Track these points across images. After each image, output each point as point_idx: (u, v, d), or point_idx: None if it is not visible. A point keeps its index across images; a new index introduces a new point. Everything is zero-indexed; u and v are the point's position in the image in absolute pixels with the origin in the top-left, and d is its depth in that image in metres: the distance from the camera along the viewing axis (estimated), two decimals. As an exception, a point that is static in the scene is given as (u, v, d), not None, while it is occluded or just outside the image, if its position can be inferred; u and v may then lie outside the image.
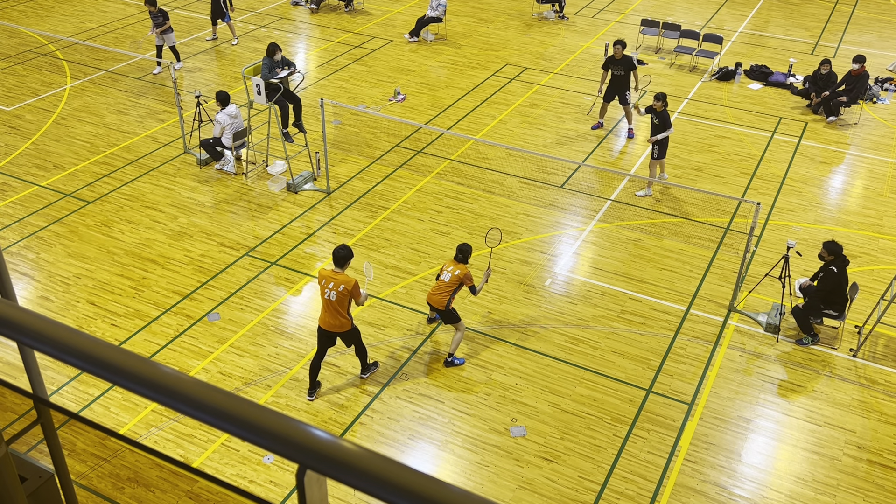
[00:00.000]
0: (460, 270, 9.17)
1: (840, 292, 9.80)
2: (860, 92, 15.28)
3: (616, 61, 14.19)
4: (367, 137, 14.71)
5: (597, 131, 14.97)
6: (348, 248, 8.55)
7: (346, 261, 8.51)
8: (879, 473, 8.37)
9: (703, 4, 22.16)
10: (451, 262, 9.34)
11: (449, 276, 9.17)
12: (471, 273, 9.29)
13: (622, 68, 14.18)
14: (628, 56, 14.21)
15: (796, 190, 13.38)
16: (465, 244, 9.33)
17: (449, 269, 9.25)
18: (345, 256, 8.49)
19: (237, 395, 1.40)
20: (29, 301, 10.54)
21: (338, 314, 8.58)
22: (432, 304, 9.29)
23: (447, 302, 9.17)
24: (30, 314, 1.55)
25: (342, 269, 8.53)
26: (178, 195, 12.84)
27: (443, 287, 9.18)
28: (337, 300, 8.46)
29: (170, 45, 16.65)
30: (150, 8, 16.20)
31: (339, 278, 8.45)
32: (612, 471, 8.33)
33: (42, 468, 2.44)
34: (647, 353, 9.86)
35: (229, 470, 8.24)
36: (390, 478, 1.27)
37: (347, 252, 8.52)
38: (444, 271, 9.28)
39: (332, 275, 8.50)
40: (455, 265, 9.25)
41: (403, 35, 19.17)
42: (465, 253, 9.26)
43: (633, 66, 14.17)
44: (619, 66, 14.18)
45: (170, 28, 16.47)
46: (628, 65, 14.14)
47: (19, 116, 15.21)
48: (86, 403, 8.97)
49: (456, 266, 9.23)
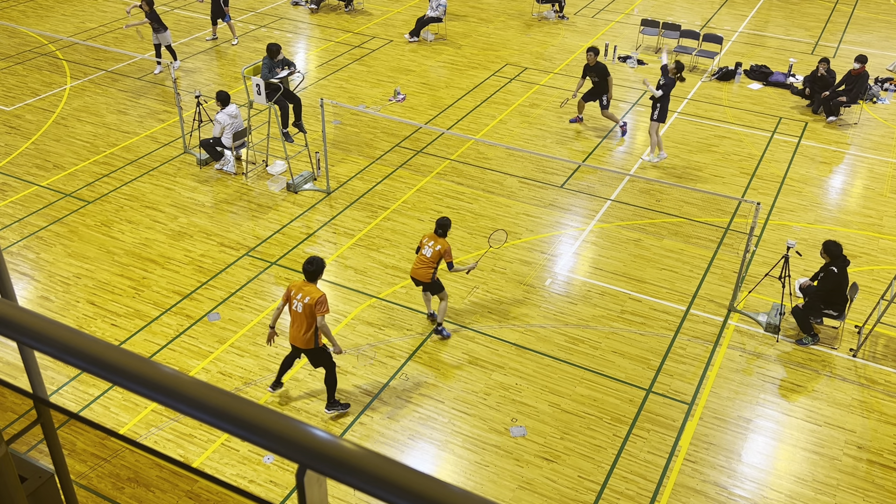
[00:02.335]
0: (441, 245, 9.40)
1: (840, 293, 9.80)
2: (860, 92, 15.28)
3: (590, 68, 14.34)
4: (367, 137, 14.71)
5: (574, 125, 15.11)
6: (319, 262, 8.26)
7: (315, 275, 8.23)
8: (879, 473, 8.37)
9: (703, 4, 22.16)
10: (431, 235, 9.56)
11: (430, 251, 9.44)
12: (450, 248, 9.47)
13: (596, 75, 14.33)
14: (602, 64, 14.34)
15: (796, 190, 13.38)
16: (445, 218, 9.56)
17: (430, 244, 9.49)
18: (314, 272, 8.21)
19: (237, 395, 1.40)
20: (29, 301, 10.54)
21: (305, 327, 8.23)
22: (417, 278, 9.63)
23: (432, 275, 9.52)
24: (30, 314, 1.55)
25: (313, 282, 8.28)
26: (178, 195, 12.84)
27: (426, 262, 9.50)
28: (303, 312, 8.16)
29: (166, 45, 16.60)
30: (145, 8, 16.10)
31: (307, 289, 8.17)
32: (612, 471, 8.33)
33: (42, 468, 2.44)
34: (647, 353, 9.86)
35: (229, 470, 8.24)
36: (390, 478, 1.27)
37: (317, 267, 8.24)
38: (425, 246, 9.52)
39: (302, 286, 8.23)
40: (435, 239, 9.48)
41: (404, 35, 19.17)
42: (444, 227, 9.49)
43: (607, 74, 14.29)
44: (594, 72, 14.33)
45: (164, 27, 16.39)
46: (602, 72, 14.26)
47: (19, 116, 15.21)
48: (86, 403, 8.97)
49: (436, 241, 9.46)
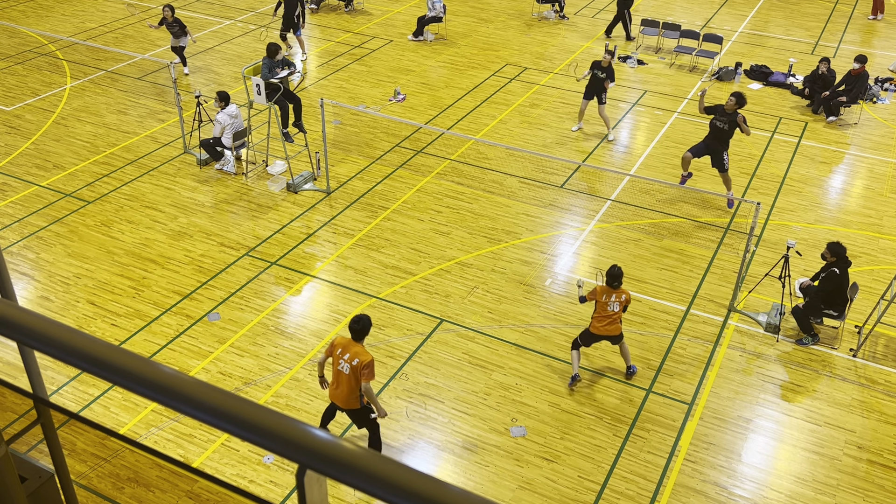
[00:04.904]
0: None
1: (841, 293, 9.80)
2: (860, 92, 15.28)
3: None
4: (367, 137, 14.71)
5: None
6: (366, 321, 7.62)
7: (362, 335, 7.65)
8: (879, 473, 8.37)
9: (703, 4, 22.16)
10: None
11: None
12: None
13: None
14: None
15: (796, 190, 13.38)
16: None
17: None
18: (360, 330, 7.61)
19: (237, 395, 1.40)
20: (29, 301, 10.54)
21: (347, 388, 7.67)
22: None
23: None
24: (30, 314, 1.55)
25: (359, 341, 7.68)
26: (178, 195, 12.84)
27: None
28: (350, 373, 7.59)
29: (180, 46, 16.51)
30: (168, 15, 15.87)
31: (353, 350, 7.57)
32: (612, 471, 8.33)
33: (42, 468, 2.44)
34: (647, 353, 9.86)
35: (229, 470, 8.24)
36: (390, 478, 1.27)
37: (364, 326, 7.61)
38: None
39: (349, 345, 7.60)
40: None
41: (407, 38, 19.16)
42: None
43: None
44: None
45: (184, 32, 16.30)
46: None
47: (19, 116, 15.21)
48: (86, 403, 8.97)
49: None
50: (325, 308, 10.51)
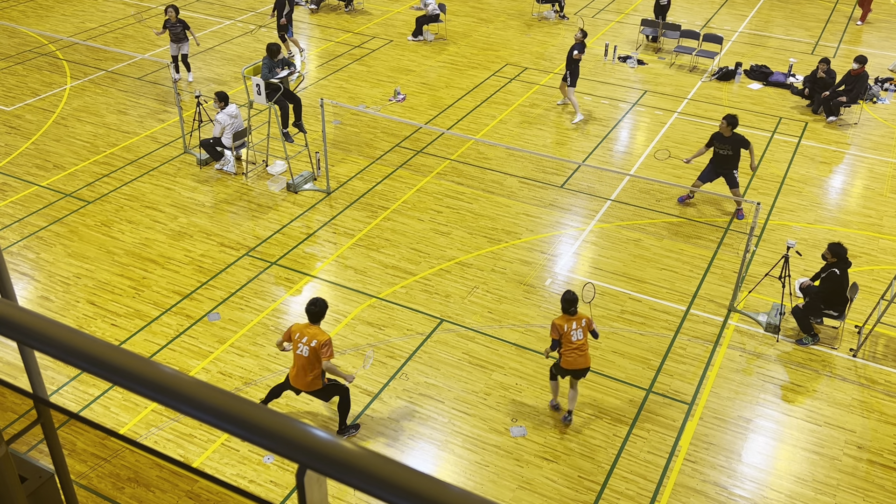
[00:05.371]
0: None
1: (841, 294, 9.80)
2: (860, 92, 15.28)
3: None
4: (367, 137, 14.71)
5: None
6: (322, 304, 8.07)
7: (318, 317, 8.04)
8: (879, 473, 8.37)
9: (703, 4, 22.16)
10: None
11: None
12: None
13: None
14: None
15: (796, 190, 13.38)
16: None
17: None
18: (317, 313, 8.02)
19: (237, 395, 1.40)
20: (29, 301, 10.54)
21: (309, 370, 8.01)
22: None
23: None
24: (30, 314, 1.55)
25: (316, 323, 8.07)
26: (178, 195, 12.84)
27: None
28: (310, 355, 7.94)
29: (183, 55, 16.23)
30: (172, 16, 15.67)
31: (311, 332, 7.96)
32: (612, 471, 8.33)
33: (42, 468, 2.44)
34: (647, 353, 9.86)
35: (229, 470, 8.24)
36: (390, 478, 1.27)
37: (321, 308, 8.04)
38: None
39: (306, 328, 8.01)
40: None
41: (407, 38, 19.16)
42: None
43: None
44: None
45: (186, 37, 16.05)
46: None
47: (19, 116, 15.21)
48: (86, 403, 8.98)
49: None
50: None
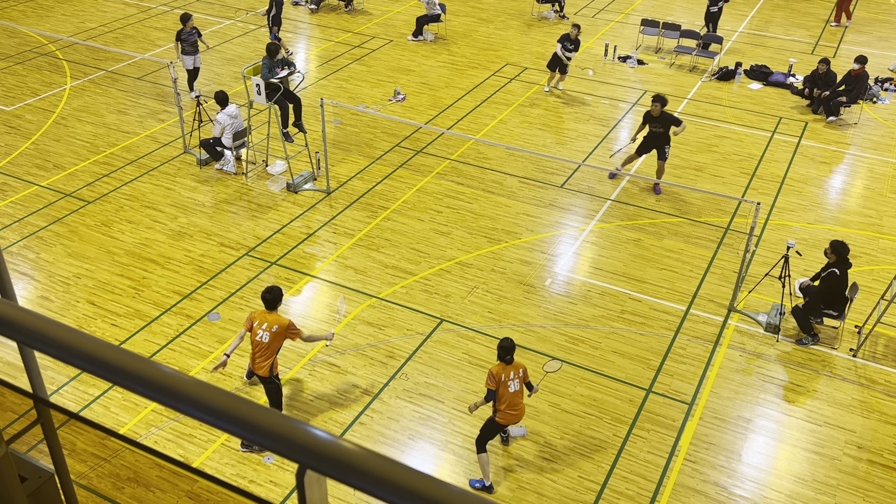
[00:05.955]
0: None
1: (841, 294, 9.80)
2: (860, 92, 15.28)
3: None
4: (367, 137, 14.71)
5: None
6: (277, 291, 8.25)
7: (275, 304, 8.21)
8: (879, 473, 8.37)
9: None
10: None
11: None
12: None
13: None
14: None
15: (796, 190, 13.38)
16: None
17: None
18: (272, 300, 8.19)
19: (237, 395, 1.40)
20: (29, 301, 10.54)
21: (264, 356, 8.13)
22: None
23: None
24: (30, 314, 1.54)
25: (273, 310, 8.24)
26: (178, 195, 12.84)
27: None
28: (269, 341, 8.09)
29: (196, 67, 15.67)
30: (186, 25, 15.03)
31: (271, 318, 8.14)
32: (612, 471, 8.33)
33: (42, 468, 2.44)
34: (647, 353, 9.86)
35: (229, 470, 8.24)
36: (390, 478, 1.27)
37: (275, 295, 8.21)
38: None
39: (264, 316, 8.18)
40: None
41: (407, 38, 19.16)
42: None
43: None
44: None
45: (196, 49, 15.48)
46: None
47: (19, 116, 15.21)
48: (86, 403, 8.97)
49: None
50: (325, 308, 10.51)
